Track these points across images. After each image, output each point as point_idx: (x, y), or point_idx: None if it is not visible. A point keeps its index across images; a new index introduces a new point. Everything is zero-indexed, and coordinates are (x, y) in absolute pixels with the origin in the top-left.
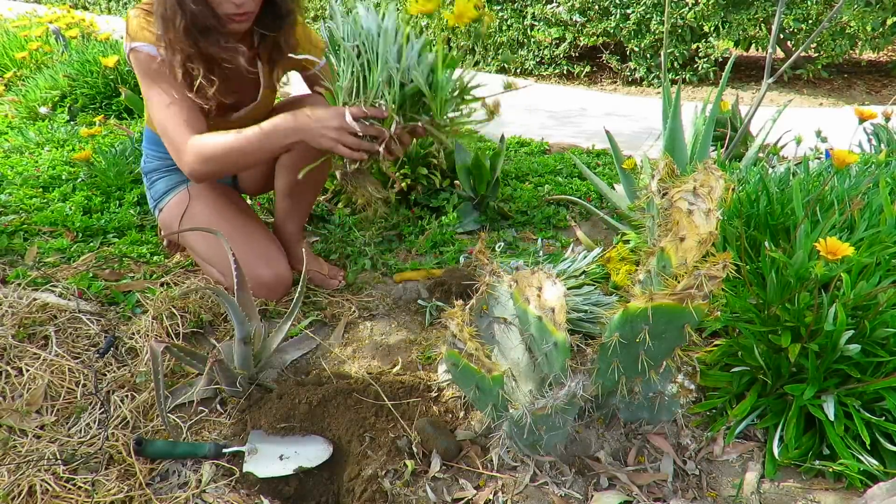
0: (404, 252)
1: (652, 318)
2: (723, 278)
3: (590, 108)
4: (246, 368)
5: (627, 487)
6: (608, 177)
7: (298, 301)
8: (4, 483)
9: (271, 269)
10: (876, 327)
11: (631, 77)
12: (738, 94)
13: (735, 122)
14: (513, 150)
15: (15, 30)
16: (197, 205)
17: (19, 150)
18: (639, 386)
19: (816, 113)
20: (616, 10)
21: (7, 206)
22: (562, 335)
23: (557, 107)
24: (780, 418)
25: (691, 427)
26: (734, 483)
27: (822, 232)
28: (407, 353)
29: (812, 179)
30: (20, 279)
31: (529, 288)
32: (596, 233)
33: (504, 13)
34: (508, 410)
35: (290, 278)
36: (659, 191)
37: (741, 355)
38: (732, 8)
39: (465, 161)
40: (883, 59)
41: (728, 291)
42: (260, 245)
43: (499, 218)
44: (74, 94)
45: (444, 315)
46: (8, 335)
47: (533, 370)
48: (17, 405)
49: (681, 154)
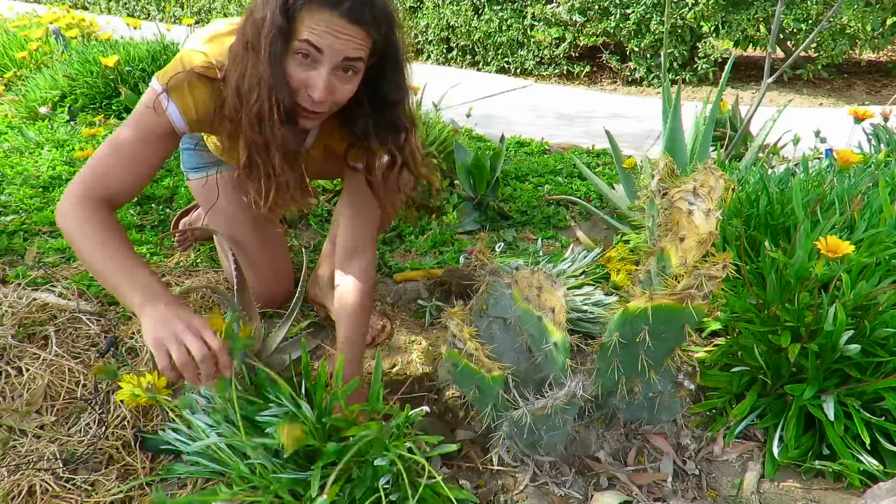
0: (404, 252)
1: (652, 318)
2: (723, 278)
3: (594, 109)
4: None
5: (627, 487)
6: (608, 177)
7: (298, 301)
8: (4, 483)
9: (277, 282)
10: (876, 327)
11: (631, 77)
12: (738, 94)
13: (735, 122)
14: (513, 150)
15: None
16: (223, 199)
17: (19, 150)
18: (639, 386)
19: (816, 113)
20: (616, 10)
21: (7, 206)
22: (562, 335)
23: (562, 107)
24: (780, 418)
25: (691, 427)
26: (734, 483)
27: (822, 232)
28: (407, 353)
29: (812, 179)
30: (20, 279)
31: (529, 288)
32: (596, 233)
33: (504, 13)
34: (508, 410)
35: (292, 293)
36: (659, 191)
37: (741, 355)
38: (732, 8)
39: (465, 161)
40: (883, 59)
41: (728, 291)
42: (273, 255)
43: (499, 218)
44: (74, 94)
45: (444, 315)
46: (8, 335)
47: (533, 370)
48: (16, 405)
49: (681, 154)
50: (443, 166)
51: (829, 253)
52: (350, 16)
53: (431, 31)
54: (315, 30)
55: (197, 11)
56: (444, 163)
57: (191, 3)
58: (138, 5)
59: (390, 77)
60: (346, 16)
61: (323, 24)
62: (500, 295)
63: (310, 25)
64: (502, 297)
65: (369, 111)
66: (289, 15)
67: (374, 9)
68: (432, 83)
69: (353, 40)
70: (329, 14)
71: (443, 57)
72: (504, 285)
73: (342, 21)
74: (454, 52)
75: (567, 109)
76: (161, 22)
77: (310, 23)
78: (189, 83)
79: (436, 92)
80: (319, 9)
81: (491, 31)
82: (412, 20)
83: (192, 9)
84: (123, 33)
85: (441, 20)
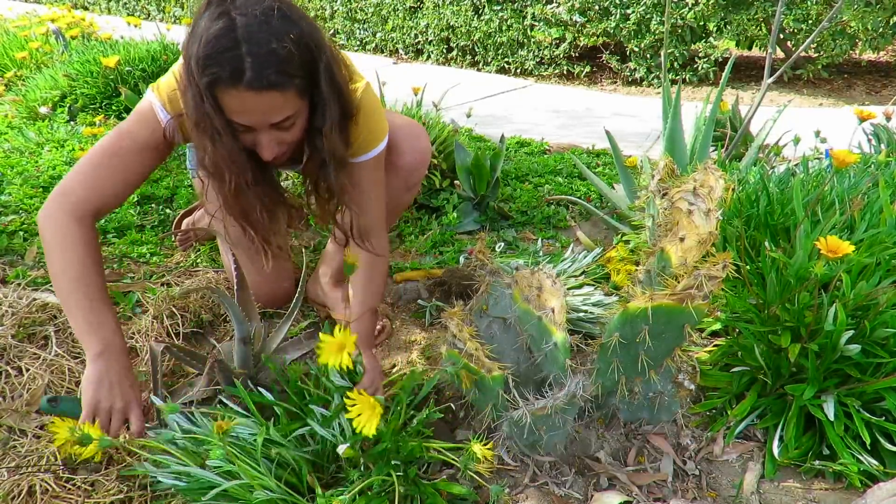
0: (404, 252)
1: (652, 318)
2: (723, 278)
3: (594, 109)
4: (246, 368)
5: (627, 487)
6: (608, 177)
7: (298, 301)
8: (4, 483)
9: (279, 283)
10: (876, 327)
11: (631, 77)
12: (738, 94)
13: (735, 122)
14: (513, 150)
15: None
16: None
17: (19, 150)
18: (639, 386)
19: (816, 113)
20: (616, 11)
21: (7, 206)
22: (562, 335)
23: (563, 108)
24: (780, 418)
25: (691, 427)
26: (734, 483)
27: (822, 232)
28: (407, 353)
29: (812, 179)
30: (20, 279)
31: (529, 288)
32: (596, 233)
33: (504, 13)
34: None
35: (292, 295)
36: (659, 191)
37: (741, 355)
38: (732, 8)
39: (465, 161)
40: (883, 60)
41: (728, 291)
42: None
43: (499, 218)
44: (74, 94)
45: (444, 315)
46: (8, 335)
47: (533, 370)
48: (16, 405)
49: (681, 154)
50: (443, 166)
51: (829, 253)
52: (256, 85)
53: (431, 32)
54: (234, 110)
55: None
56: (444, 163)
57: (190, 3)
58: (138, 5)
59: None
60: (253, 87)
61: (236, 102)
62: (500, 295)
63: (229, 106)
64: (502, 297)
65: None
66: (212, 96)
67: (283, 63)
68: (432, 83)
69: (271, 106)
70: (237, 91)
71: (443, 57)
72: (504, 285)
73: (250, 94)
74: (454, 53)
75: (567, 109)
76: (161, 22)
77: (228, 102)
78: (169, 92)
79: (436, 92)
80: (227, 88)
81: (491, 32)
82: (412, 20)
83: (192, 9)
84: (123, 33)
85: (441, 20)
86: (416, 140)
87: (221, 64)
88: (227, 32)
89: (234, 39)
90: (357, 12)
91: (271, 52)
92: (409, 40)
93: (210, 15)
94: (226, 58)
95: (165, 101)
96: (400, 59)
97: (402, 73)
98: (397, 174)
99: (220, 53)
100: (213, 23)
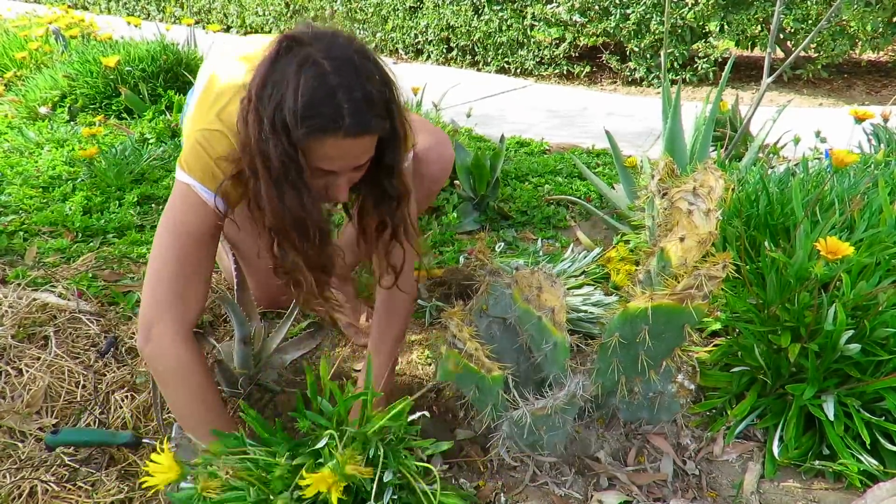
0: None
1: (652, 318)
2: (723, 278)
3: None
4: (246, 369)
5: (627, 487)
6: (608, 177)
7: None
8: (6, 484)
9: (278, 283)
10: (876, 327)
11: (631, 77)
12: (738, 94)
13: (735, 122)
14: (513, 150)
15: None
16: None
17: (19, 150)
18: (639, 386)
19: (816, 113)
20: (616, 10)
21: (7, 206)
22: (562, 335)
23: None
24: (780, 418)
25: (691, 427)
26: (734, 483)
27: (821, 232)
28: (407, 353)
29: (812, 179)
30: (20, 279)
31: (529, 288)
32: (596, 233)
33: (504, 13)
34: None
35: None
36: (659, 191)
37: (741, 355)
38: (732, 8)
39: (465, 161)
40: (883, 60)
41: (728, 291)
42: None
43: (499, 218)
44: (74, 94)
45: (444, 315)
46: (8, 335)
47: (533, 370)
48: (17, 407)
49: (681, 154)
50: None
51: (828, 254)
52: (355, 131)
53: (431, 31)
54: (326, 157)
55: (197, 11)
56: None
57: (190, 3)
58: (138, 5)
59: (394, 149)
60: (352, 134)
61: (333, 150)
62: (500, 295)
63: (320, 153)
64: (502, 297)
65: (367, 176)
66: (296, 146)
67: (374, 107)
68: (432, 83)
69: (364, 149)
70: (334, 139)
71: (443, 57)
72: (504, 285)
73: (348, 141)
74: (454, 52)
75: (567, 109)
76: (161, 22)
77: (319, 150)
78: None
79: (436, 92)
80: (324, 137)
81: (491, 32)
82: (412, 20)
83: (192, 9)
84: (123, 33)
85: (441, 20)
86: (443, 147)
87: (321, 114)
88: (321, 81)
89: (329, 87)
90: (357, 12)
91: (365, 95)
92: (408, 40)
93: (292, 62)
94: (324, 107)
95: (202, 178)
96: (400, 59)
97: (401, 73)
98: (422, 183)
99: (318, 103)
100: (302, 71)
